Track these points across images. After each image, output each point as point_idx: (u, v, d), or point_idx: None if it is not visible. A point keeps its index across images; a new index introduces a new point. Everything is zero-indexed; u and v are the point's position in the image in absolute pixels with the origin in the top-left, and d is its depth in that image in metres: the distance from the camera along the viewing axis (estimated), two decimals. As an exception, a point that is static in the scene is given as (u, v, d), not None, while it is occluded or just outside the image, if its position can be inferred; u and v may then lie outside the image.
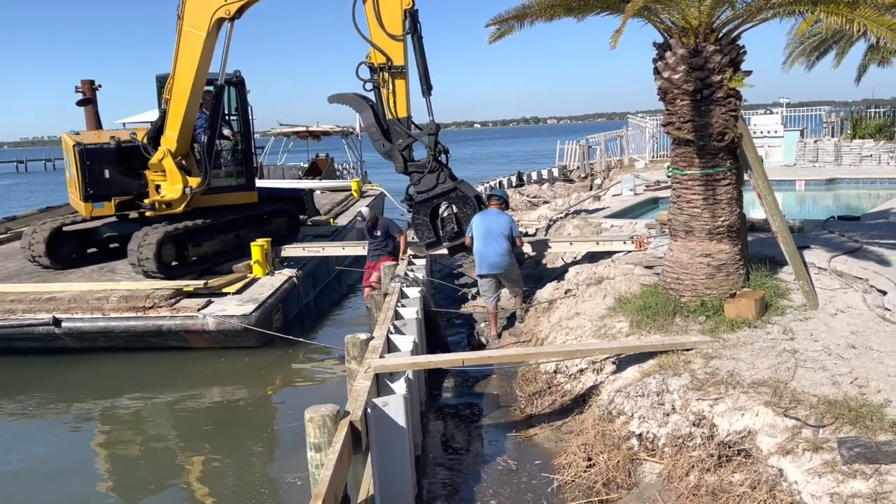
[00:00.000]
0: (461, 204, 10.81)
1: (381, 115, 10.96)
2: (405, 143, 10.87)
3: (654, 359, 6.58)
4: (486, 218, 9.87)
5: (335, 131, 26.29)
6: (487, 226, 9.72)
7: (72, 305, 10.24)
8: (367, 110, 11.08)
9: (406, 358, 6.56)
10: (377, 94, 10.92)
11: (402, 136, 10.86)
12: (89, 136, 12.88)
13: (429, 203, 10.88)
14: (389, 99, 10.82)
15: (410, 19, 10.54)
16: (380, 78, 10.74)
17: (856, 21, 6.50)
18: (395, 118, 10.86)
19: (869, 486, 4.29)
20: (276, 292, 11.05)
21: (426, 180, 10.86)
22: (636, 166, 24.54)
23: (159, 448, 7.94)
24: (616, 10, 7.53)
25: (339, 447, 4.47)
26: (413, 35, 10.63)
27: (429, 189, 10.84)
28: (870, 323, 6.66)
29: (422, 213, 10.95)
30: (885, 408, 5.00)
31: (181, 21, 10.94)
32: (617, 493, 5.57)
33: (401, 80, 10.79)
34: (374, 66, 10.74)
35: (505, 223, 9.76)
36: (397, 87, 10.81)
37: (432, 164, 10.79)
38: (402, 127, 10.85)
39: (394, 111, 10.86)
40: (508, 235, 9.68)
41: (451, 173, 11.03)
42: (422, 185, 10.90)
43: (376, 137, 11.00)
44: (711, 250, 7.46)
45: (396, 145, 10.87)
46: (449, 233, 10.96)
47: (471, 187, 11.41)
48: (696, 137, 7.32)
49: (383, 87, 10.80)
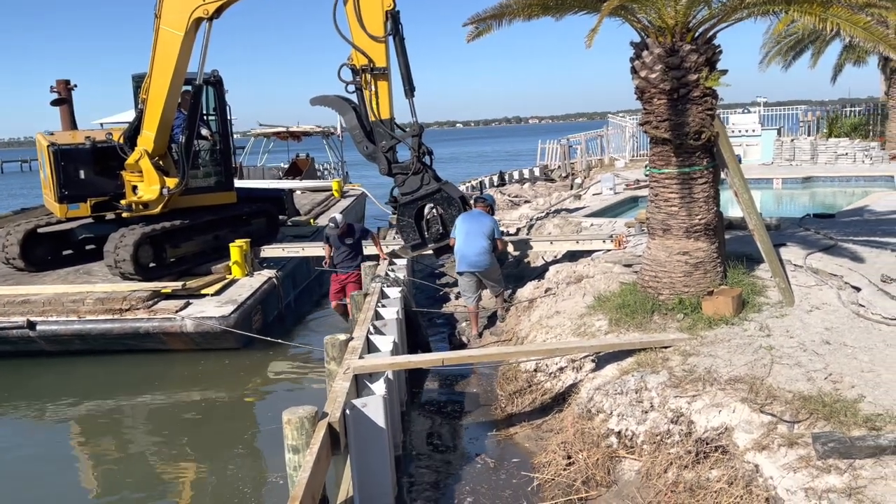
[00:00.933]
0: (446, 205, 10.81)
1: (363, 117, 10.92)
2: (389, 144, 10.84)
3: (633, 357, 6.62)
4: (470, 218, 9.91)
5: (316, 132, 26.19)
6: (470, 225, 9.76)
7: (47, 308, 10.10)
8: (349, 112, 11.04)
9: (385, 358, 6.54)
10: (360, 96, 10.89)
11: (385, 137, 10.83)
12: (64, 137, 12.73)
13: (413, 205, 10.86)
14: (372, 101, 10.79)
15: (392, 21, 10.52)
16: (362, 80, 10.71)
17: (829, 20, 6.58)
18: (378, 120, 10.83)
19: (843, 481, 4.34)
20: (256, 293, 10.97)
21: (410, 182, 10.83)
22: (616, 165, 24.68)
23: (137, 450, 7.86)
24: (593, 9, 7.55)
25: (317, 449, 4.44)
26: (395, 36, 10.60)
27: (413, 191, 10.82)
28: (844, 319, 6.74)
29: (406, 215, 10.93)
30: (858, 403, 5.05)
31: (158, 20, 10.83)
32: (596, 490, 5.59)
33: (383, 82, 10.77)
34: (356, 67, 10.71)
35: (488, 224, 9.79)
36: (380, 89, 10.78)
37: (416, 165, 10.77)
38: (385, 129, 10.82)
39: (377, 113, 10.83)
40: (490, 236, 9.70)
41: (436, 174, 11.02)
42: (406, 187, 10.87)
43: (359, 139, 10.96)
44: (689, 248, 7.51)
45: (380, 147, 10.84)
46: (434, 234, 10.95)
47: (455, 188, 11.41)
48: (673, 136, 7.36)
49: (366, 89, 10.77)
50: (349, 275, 10.64)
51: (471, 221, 9.83)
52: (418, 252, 11.08)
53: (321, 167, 27.73)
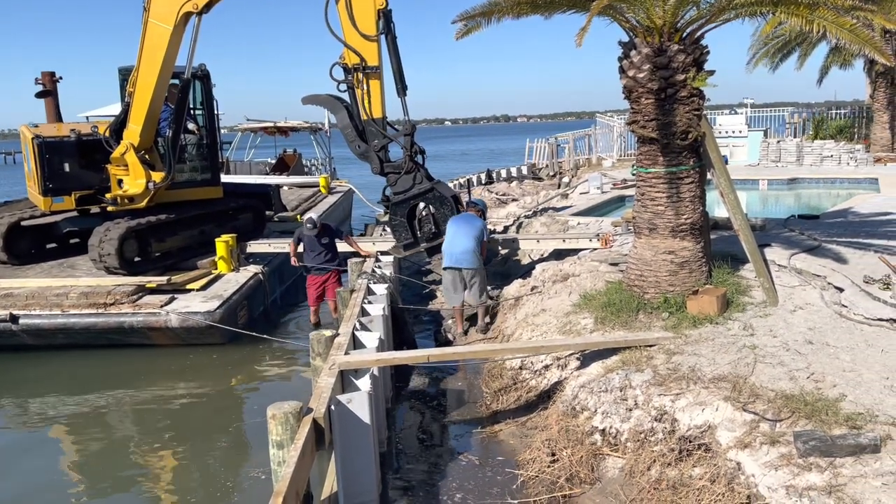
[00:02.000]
0: (438, 204, 10.80)
1: (356, 116, 10.90)
2: (381, 143, 10.83)
3: (618, 355, 6.65)
4: (461, 220, 10.01)
5: (303, 127, 26.07)
6: (459, 226, 9.83)
7: (30, 302, 10.00)
8: (341, 111, 11.01)
9: (371, 354, 6.54)
10: (352, 95, 10.86)
11: (377, 136, 10.81)
12: (49, 129, 12.61)
13: (406, 204, 10.84)
14: (364, 100, 10.77)
15: (384, 19, 10.50)
16: (354, 78, 10.68)
17: (815, 22, 6.64)
18: (370, 119, 10.81)
19: (824, 479, 4.38)
20: (242, 289, 10.92)
21: (403, 181, 10.83)
22: (604, 165, 24.76)
23: (120, 444, 7.80)
24: (582, 8, 7.58)
25: (302, 444, 4.44)
26: (387, 35, 10.59)
27: (406, 190, 10.81)
28: (827, 319, 6.81)
29: (399, 215, 10.92)
30: (840, 402, 5.11)
31: (147, 13, 10.73)
32: (580, 487, 5.62)
33: (375, 81, 10.75)
34: (348, 66, 10.68)
35: (477, 227, 9.85)
36: (372, 88, 10.76)
37: (409, 164, 10.77)
38: (377, 128, 10.81)
39: (369, 112, 10.81)
40: (479, 238, 9.72)
41: (428, 173, 11.02)
42: (398, 186, 10.86)
43: (352, 139, 10.93)
44: (674, 248, 7.55)
45: (372, 146, 10.82)
46: (426, 233, 10.93)
47: (448, 187, 11.40)
48: (660, 136, 7.40)
49: (358, 88, 10.74)
50: (329, 275, 10.62)
51: (461, 223, 9.91)
52: (410, 251, 11.07)
53: (309, 163, 27.62)
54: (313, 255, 10.70)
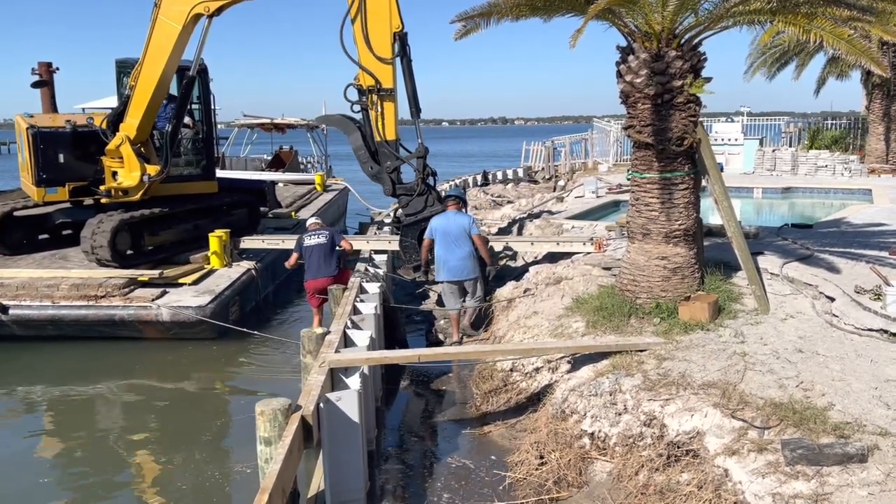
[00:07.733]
0: None
1: (369, 138, 10.93)
2: (393, 165, 10.87)
3: (609, 359, 6.65)
4: (445, 221, 9.58)
5: (300, 124, 26.03)
6: (446, 228, 9.45)
7: (20, 292, 9.96)
8: (354, 132, 11.05)
9: (361, 353, 6.53)
10: (365, 117, 10.91)
11: (390, 158, 10.85)
12: (44, 119, 12.56)
13: (417, 226, 10.85)
14: (378, 121, 10.80)
15: (399, 42, 10.54)
16: (368, 100, 10.71)
17: (813, 32, 6.66)
18: (383, 140, 10.84)
19: (810, 488, 4.39)
20: (234, 284, 10.90)
21: (415, 203, 10.88)
22: (600, 169, 24.78)
23: (107, 438, 7.75)
24: (581, 11, 7.57)
25: (289, 441, 4.43)
26: (402, 58, 10.63)
27: (417, 212, 10.84)
28: (817, 328, 6.82)
29: (409, 236, 10.95)
30: (828, 411, 5.11)
31: (157, 9, 10.68)
32: (568, 491, 5.62)
33: (389, 103, 10.82)
34: (362, 88, 10.71)
35: (464, 223, 9.49)
36: (386, 110, 10.82)
37: (421, 187, 10.80)
38: (390, 149, 10.86)
39: (382, 134, 10.84)
40: (468, 233, 9.43)
41: (440, 196, 11.06)
42: (410, 209, 10.92)
43: (364, 160, 10.98)
44: (668, 253, 7.56)
45: (384, 168, 10.85)
46: None
47: None
48: (655, 141, 7.40)
49: (371, 110, 10.77)
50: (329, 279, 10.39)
51: (446, 223, 9.51)
52: (419, 274, 11.11)
53: (305, 160, 27.59)
54: (311, 260, 10.12)
